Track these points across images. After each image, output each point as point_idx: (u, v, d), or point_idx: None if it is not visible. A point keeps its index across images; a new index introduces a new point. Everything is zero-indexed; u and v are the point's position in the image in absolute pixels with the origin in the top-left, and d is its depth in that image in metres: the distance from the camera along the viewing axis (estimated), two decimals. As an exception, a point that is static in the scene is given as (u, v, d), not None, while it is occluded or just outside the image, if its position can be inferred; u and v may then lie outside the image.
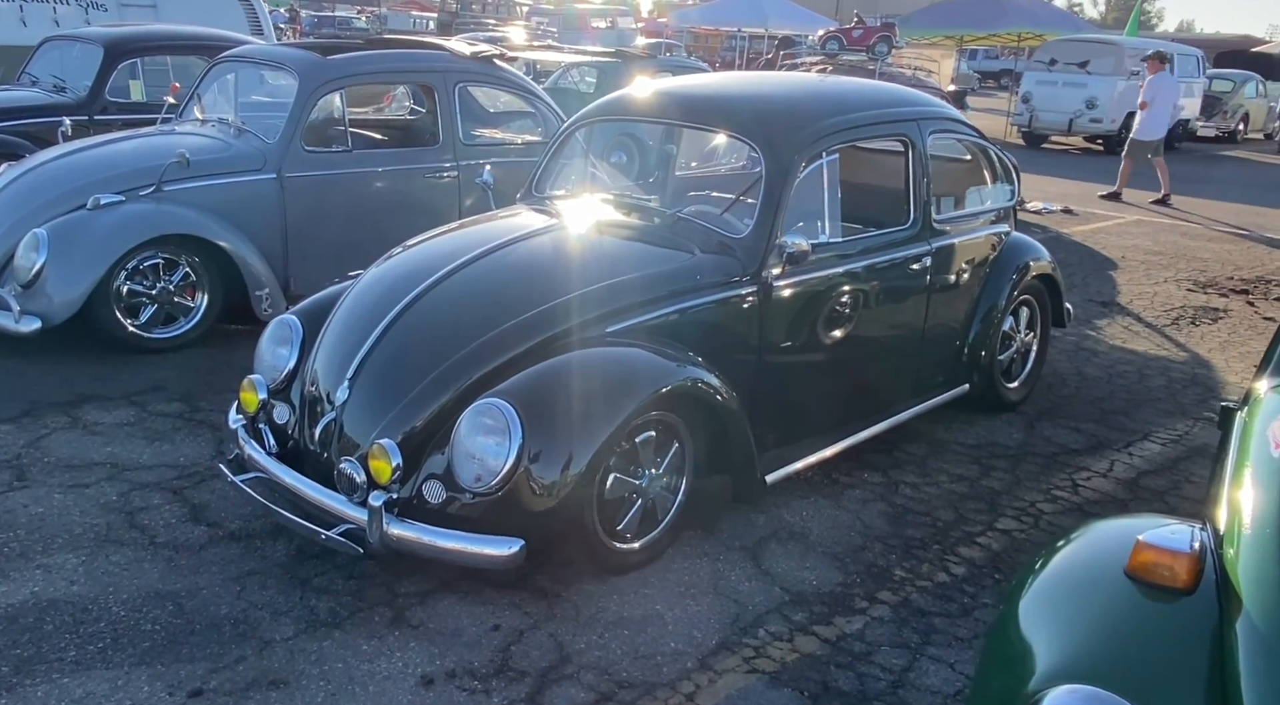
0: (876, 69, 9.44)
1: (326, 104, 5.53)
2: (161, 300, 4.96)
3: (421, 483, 2.92)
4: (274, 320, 3.59)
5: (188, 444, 3.98)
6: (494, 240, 3.47)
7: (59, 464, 3.71)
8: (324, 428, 3.11)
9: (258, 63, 5.96)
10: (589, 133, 4.24)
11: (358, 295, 3.43)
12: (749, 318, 3.42)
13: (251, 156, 5.27)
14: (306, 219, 5.41)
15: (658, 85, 4.18)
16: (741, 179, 3.88)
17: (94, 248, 4.69)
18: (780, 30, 32.06)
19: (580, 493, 2.84)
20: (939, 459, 4.15)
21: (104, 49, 7.86)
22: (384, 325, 3.18)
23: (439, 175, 5.87)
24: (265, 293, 5.21)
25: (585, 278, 3.26)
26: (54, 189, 4.92)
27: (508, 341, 3.07)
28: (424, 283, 3.27)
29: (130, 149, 5.29)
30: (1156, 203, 11.88)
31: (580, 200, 3.94)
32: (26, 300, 4.59)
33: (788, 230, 3.42)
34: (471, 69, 6.10)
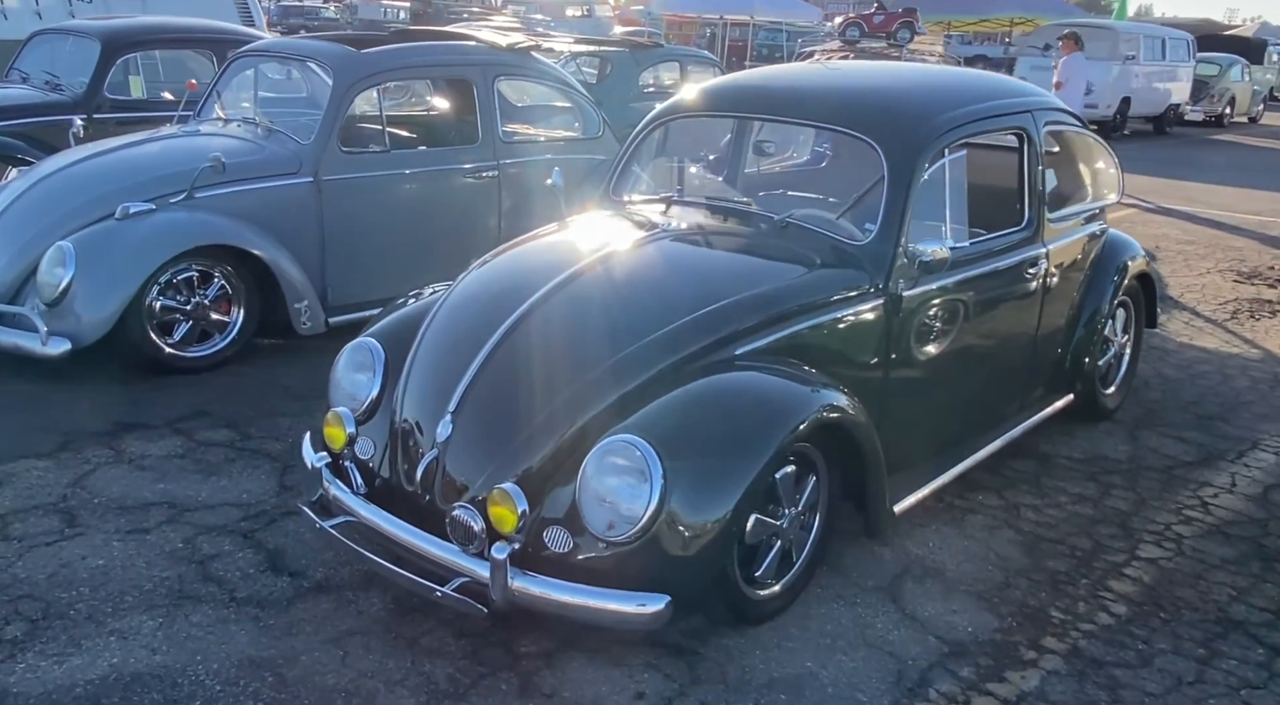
0: (901, 56, 9.16)
1: (362, 101, 5.17)
2: (197, 316, 4.61)
3: (541, 530, 2.62)
4: (350, 344, 3.25)
5: (246, 478, 3.65)
6: (594, 253, 3.15)
7: (110, 505, 3.38)
8: (425, 468, 2.79)
9: (284, 57, 5.59)
10: (672, 129, 3.93)
11: (447, 316, 3.11)
12: (876, 334, 3.14)
13: (286, 159, 4.91)
14: (344, 224, 5.06)
15: (749, 78, 3.88)
16: (849, 179, 3.59)
17: (126, 262, 4.32)
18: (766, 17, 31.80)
19: (725, 538, 2.55)
20: (1051, 476, 3.90)
21: (101, 43, 7.42)
22: (486, 351, 2.86)
23: (478, 175, 5.54)
24: (304, 305, 4.87)
25: (704, 295, 2.95)
26: (77, 197, 4.54)
27: (629, 369, 2.76)
28: (525, 302, 2.95)
29: (156, 152, 4.91)
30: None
31: (671, 205, 3.63)
32: (53, 320, 4.22)
33: (913, 235, 3.15)
34: (508, 61, 5.76)
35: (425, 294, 3.48)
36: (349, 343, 3.26)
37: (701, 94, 3.84)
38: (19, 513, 3.28)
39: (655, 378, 2.75)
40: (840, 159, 4.16)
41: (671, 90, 12.27)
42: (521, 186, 5.73)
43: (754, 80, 3.81)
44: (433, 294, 3.44)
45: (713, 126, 4.24)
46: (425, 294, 3.48)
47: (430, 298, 3.40)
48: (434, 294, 3.43)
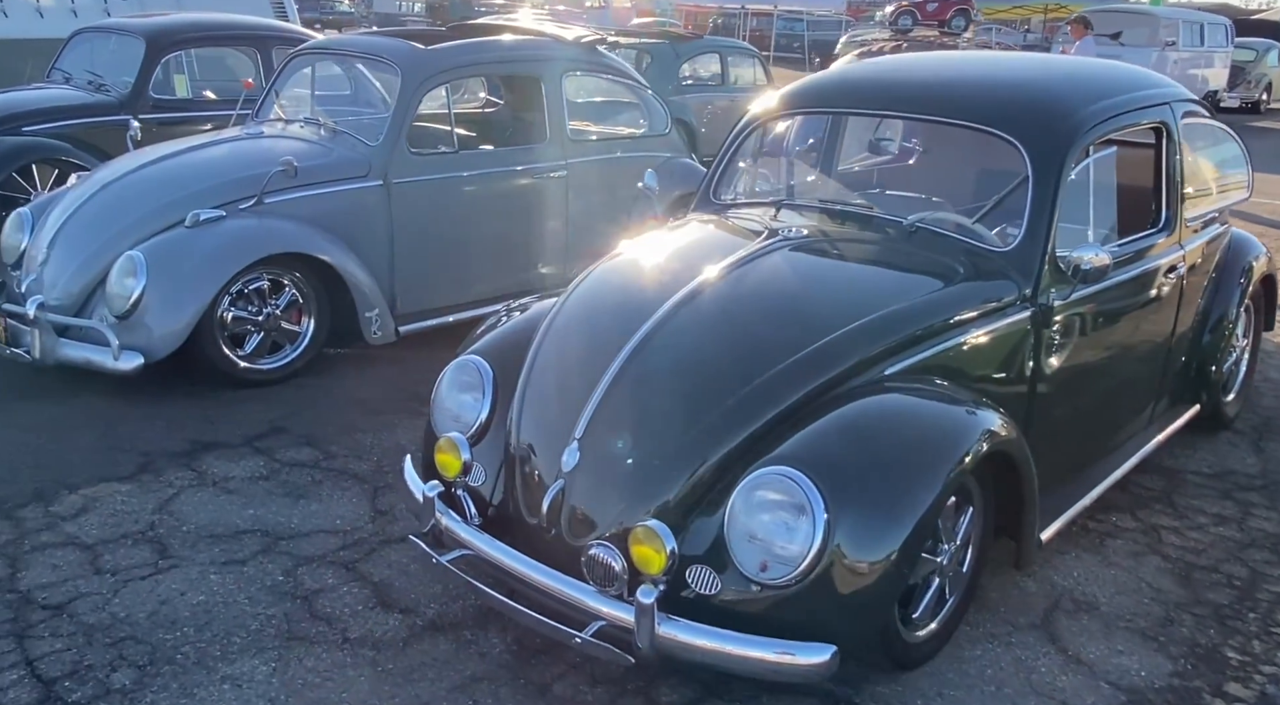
0: (958, 45, 8.89)
1: (430, 100, 4.97)
2: (268, 327, 4.42)
3: (683, 569, 2.41)
4: (454, 363, 3.05)
5: (336, 501, 3.47)
6: (713, 265, 2.93)
7: (201, 534, 3.20)
8: (551, 500, 2.59)
9: (347, 55, 5.40)
10: (777, 128, 3.71)
11: (562, 334, 2.90)
12: (1024, 349, 2.92)
13: (355, 162, 4.71)
14: (413, 229, 4.87)
15: (867, 72, 3.64)
16: (952, 175, 3.38)
17: (198, 271, 4.14)
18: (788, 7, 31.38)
19: (896, 579, 2.34)
20: (1183, 494, 3.67)
21: (146, 41, 7.25)
22: (612, 374, 2.64)
23: (546, 175, 5.33)
24: (375, 313, 4.68)
25: (845, 310, 2.74)
26: (144, 203, 4.36)
27: (773, 392, 2.55)
28: (649, 320, 2.73)
29: (223, 156, 4.72)
30: None
31: (780, 209, 3.42)
32: (124, 333, 4.05)
33: (1063, 240, 2.92)
34: (576, 56, 5.55)
35: (527, 308, 3.27)
36: (453, 361, 3.07)
37: (813, 90, 3.61)
38: (108, 543, 3.10)
39: (802, 402, 2.54)
40: (941, 155, 3.92)
41: (710, 83, 12.05)
42: (590, 186, 5.53)
43: (873, 74, 3.57)
44: (535, 308, 3.24)
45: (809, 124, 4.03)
46: (527, 308, 3.27)
47: (533, 312, 3.20)
48: (536, 308, 3.23)
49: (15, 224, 4.67)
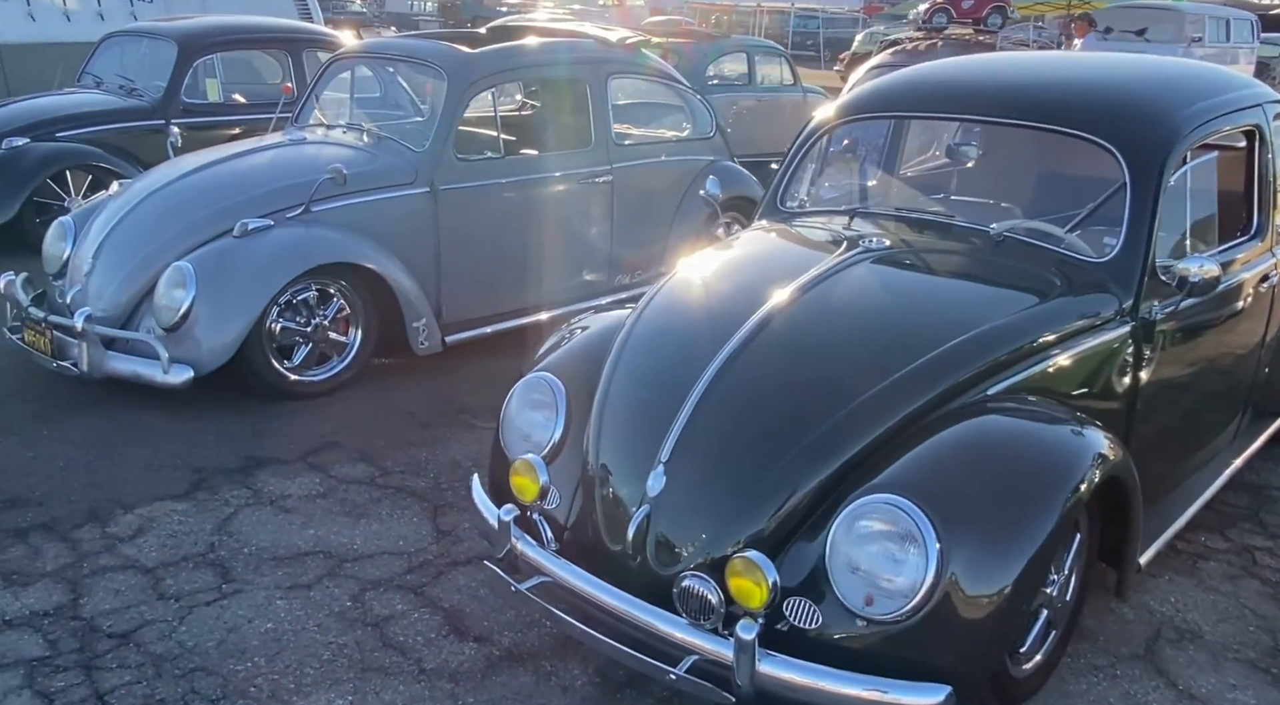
0: (996, 44, 8.75)
1: (477, 105, 4.87)
2: (316, 338, 4.33)
3: (780, 602, 2.30)
4: (524, 380, 2.94)
5: (397, 521, 3.37)
6: (796, 278, 2.80)
7: (263, 556, 3.10)
8: (636, 526, 2.47)
9: (391, 59, 5.30)
10: (848, 132, 3.60)
11: (639, 351, 2.79)
12: (1125, 365, 2.79)
13: (402, 168, 4.61)
14: (460, 237, 4.77)
15: (936, 74, 3.51)
16: (1056, 184, 3.25)
17: (248, 282, 4.05)
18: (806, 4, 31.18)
19: (1014, 614, 2.23)
20: (1271, 511, 3.54)
21: (178, 45, 7.19)
22: (699, 394, 2.53)
23: (592, 180, 5.23)
24: (422, 323, 4.59)
25: (939, 327, 2.62)
26: (190, 213, 4.27)
27: (871, 414, 2.43)
28: (734, 337, 2.62)
29: (268, 164, 4.63)
30: None
31: (854, 218, 3.30)
32: (173, 346, 3.96)
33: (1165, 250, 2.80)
34: (620, 59, 5.45)
35: (594, 323, 3.16)
36: (522, 378, 2.95)
37: (886, 93, 3.49)
38: (169, 566, 3.01)
39: (903, 424, 2.42)
40: (1011, 159, 3.78)
41: (737, 83, 11.91)
42: (635, 191, 5.42)
43: (949, 76, 3.43)
44: (603, 323, 3.13)
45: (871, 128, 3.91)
46: (594, 323, 3.16)
47: (602, 327, 3.08)
48: (604, 323, 3.11)
49: (57, 233, 4.59)
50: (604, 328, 3.07)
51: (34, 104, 7.07)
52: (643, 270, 5.64)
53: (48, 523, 3.23)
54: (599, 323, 3.14)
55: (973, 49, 8.93)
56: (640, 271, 5.63)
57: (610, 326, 3.05)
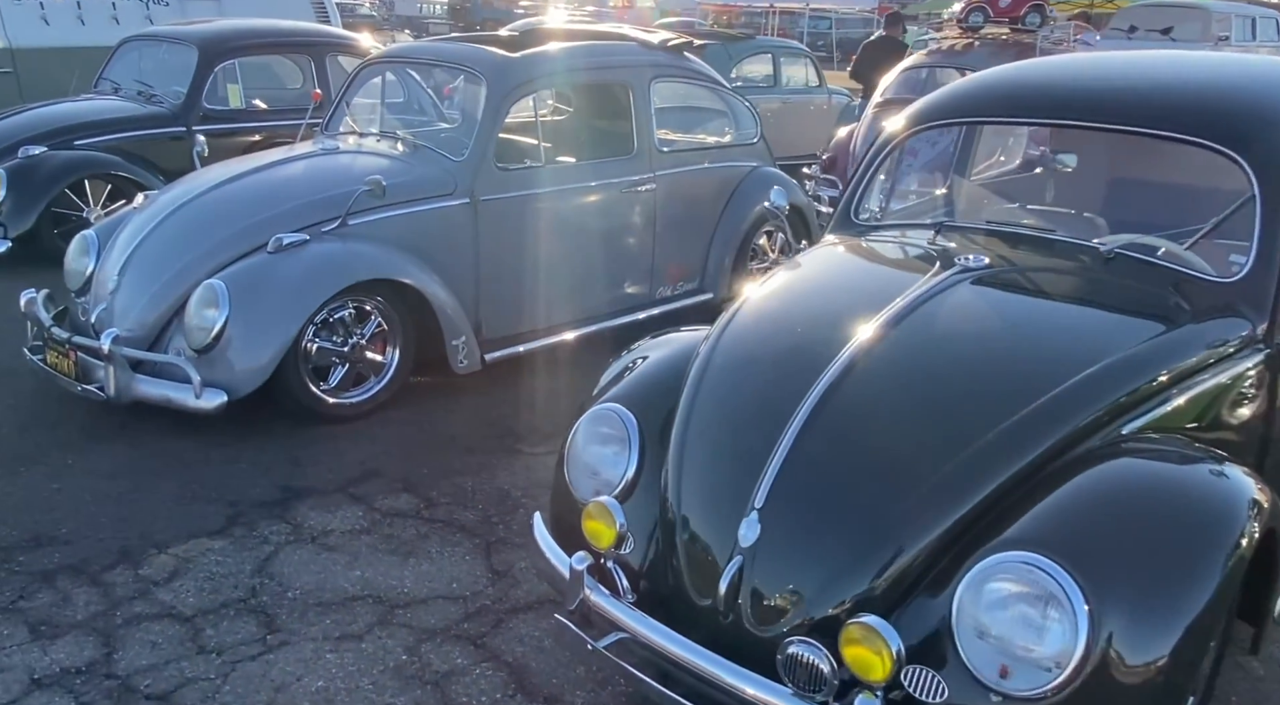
0: (1036, 44, 8.49)
1: (517, 111, 4.64)
2: (353, 358, 4.11)
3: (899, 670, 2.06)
4: (591, 412, 2.70)
5: (448, 560, 3.14)
6: (890, 300, 2.56)
7: (308, 601, 2.88)
8: (728, 581, 2.24)
9: (425, 64, 5.09)
10: (928, 139, 3.36)
11: (721, 383, 2.55)
12: (1260, 396, 2.55)
13: (441, 179, 4.39)
14: (500, 249, 4.55)
15: (1026, 75, 3.25)
16: (1175, 197, 3.00)
17: (284, 301, 3.83)
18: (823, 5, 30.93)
19: (1177, 690, 1.98)
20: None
21: (199, 50, 6.99)
22: (794, 433, 2.29)
23: (635, 188, 5.00)
24: (462, 341, 4.36)
25: (1062, 357, 2.38)
26: (221, 227, 4.05)
27: (993, 459, 2.19)
28: (832, 367, 2.37)
29: (301, 175, 4.42)
30: None
31: (940, 232, 3.05)
32: (204, 368, 3.74)
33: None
34: (663, 62, 5.21)
35: (660, 349, 2.92)
36: (589, 410, 2.71)
37: (972, 96, 3.23)
38: (208, 614, 2.79)
39: (1029, 469, 2.18)
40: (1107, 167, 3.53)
41: (761, 84, 11.67)
42: (677, 200, 5.20)
43: (1041, 78, 3.17)
44: (672, 347, 2.90)
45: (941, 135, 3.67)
46: (660, 349, 2.92)
47: (673, 353, 2.85)
48: (673, 347, 2.88)
49: (80, 247, 4.38)
50: (673, 355, 2.84)
51: (51, 111, 6.88)
52: (684, 281, 5.42)
53: (76, 564, 3.01)
54: (666, 349, 2.90)
55: (1010, 49, 8.66)
56: (682, 282, 5.41)
57: (680, 353, 2.82)
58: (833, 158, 8.98)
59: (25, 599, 2.82)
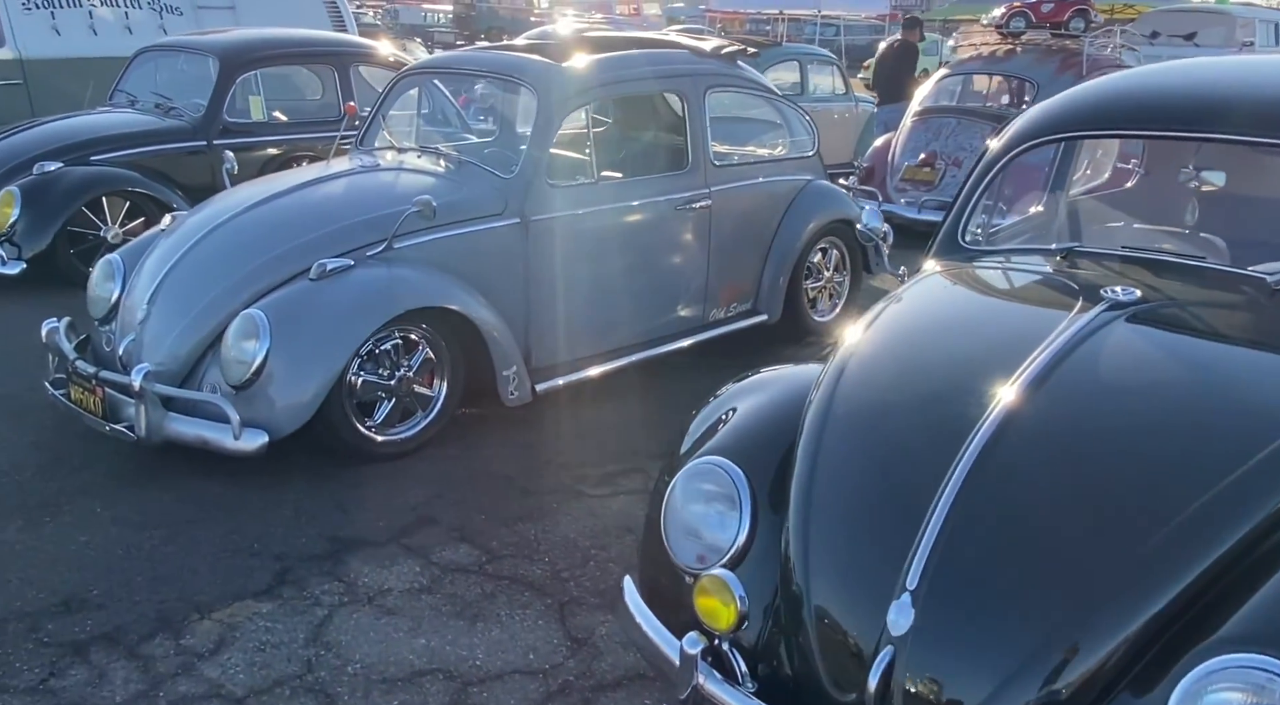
0: (1084, 50, 8.21)
1: (569, 124, 4.35)
2: (400, 392, 3.81)
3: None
4: (690, 468, 2.38)
5: (520, 624, 2.84)
6: (1036, 343, 2.26)
7: (371, 676, 2.57)
8: (879, 673, 1.93)
9: (471, 75, 4.80)
10: (1050, 155, 3.07)
11: (845, 437, 2.25)
12: None
13: (490, 198, 4.10)
14: (550, 271, 4.25)
15: (1159, 82, 2.94)
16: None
17: (329, 332, 3.54)
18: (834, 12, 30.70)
19: None
20: None
21: (220, 61, 6.71)
22: (949, 501, 1.98)
23: (690, 205, 4.70)
24: (513, 371, 4.06)
25: (1256, 413, 2.07)
26: (259, 252, 3.76)
27: (1194, 538, 1.86)
28: (982, 426, 2.06)
29: (342, 195, 4.13)
30: None
31: (1072, 258, 2.73)
32: (243, 405, 3.45)
33: None
34: (718, 71, 4.92)
35: (758, 393, 2.62)
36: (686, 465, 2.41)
37: (1099, 106, 2.91)
38: (261, 694, 2.49)
39: (1238, 549, 1.87)
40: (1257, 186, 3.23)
41: (789, 92, 11.39)
42: (732, 217, 4.91)
43: (1180, 85, 2.85)
44: (773, 390, 2.60)
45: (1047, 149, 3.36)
46: (758, 393, 2.62)
47: (773, 400, 2.55)
48: (776, 395, 2.58)
49: (105, 273, 4.09)
50: (779, 401, 2.54)
51: (66, 125, 6.61)
52: (738, 302, 5.13)
53: (111, 633, 2.71)
54: (767, 394, 2.60)
55: (1056, 55, 8.38)
56: (735, 303, 5.12)
57: (786, 399, 2.53)
58: (871, 167, 8.71)
59: (57, 677, 2.52)
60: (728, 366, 5.11)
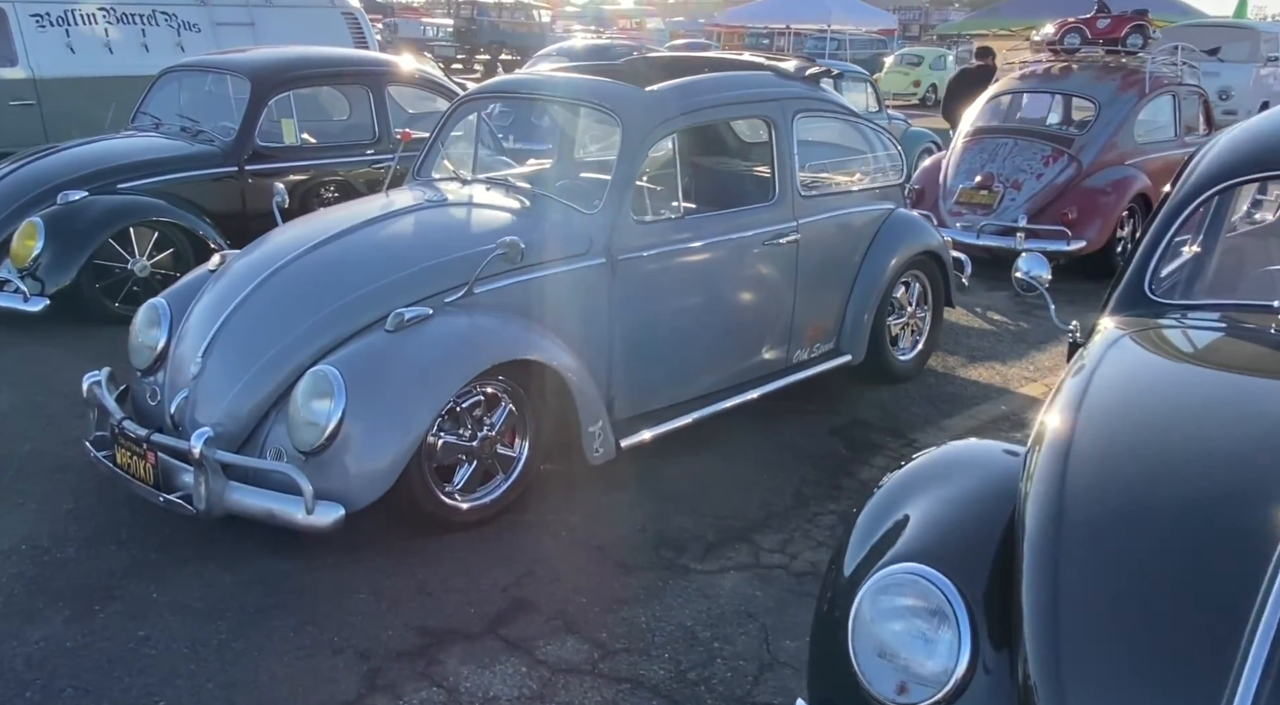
0: (1146, 68, 7.89)
1: (657, 155, 4.00)
2: (483, 454, 3.43)
3: None
4: (884, 577, 1.99)
5: (656, 740, 2.46)
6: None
7: (496, 816, 2.19)
8: None
9: (541, 100, 4.43)
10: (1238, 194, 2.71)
11: (1092, 551, 1.87)
12: None
13: (574, 236, 3.73)
14: (637, 314, 3.89)
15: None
16: None
17: (411, 390, 3.16)
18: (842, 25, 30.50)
19: None
20: None
21: (252, 81, 6.34)
22: (1275, 620, 1.62)
23: (778, 240, 4.34)
24: (599, 426, 3.69)
25: None
26: (326, 299, 3.38)
27: None
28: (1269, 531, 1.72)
29: (412, 234, 3.76)
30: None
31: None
32: (316, 474, 3.06)
33: None
34: (804, 94, 4.57)
35: (945, 480, 2.24)
36: (876, 573, 2.03)
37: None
38: None
39: None
40: None
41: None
42: (819, 252, 4.55)
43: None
44: (968, 484, 2.22)
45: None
46: (945, 480, 2.24)
47: (974, 491, 2.18)
48: (972, 485, 2.21)
49: (149, 318, 3.71)
50: (973, 495, 2.18)
51: (89, 150, 6.22)
52: (821, 342, 4.76)
53: (186, 758, 2.33)
54: (960, 484, 2.22)
55: (1117, 73, 8.05)
56: (819, 343, 4.75)
57: (983, 492, 2.17)
58: (920, 190, 8.34)
59: (128, 821, 2.13)
60: (812, 413, 4.79)
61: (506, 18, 42.10)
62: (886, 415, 4.73)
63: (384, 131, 6.81)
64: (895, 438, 4.46)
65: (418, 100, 7.54)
